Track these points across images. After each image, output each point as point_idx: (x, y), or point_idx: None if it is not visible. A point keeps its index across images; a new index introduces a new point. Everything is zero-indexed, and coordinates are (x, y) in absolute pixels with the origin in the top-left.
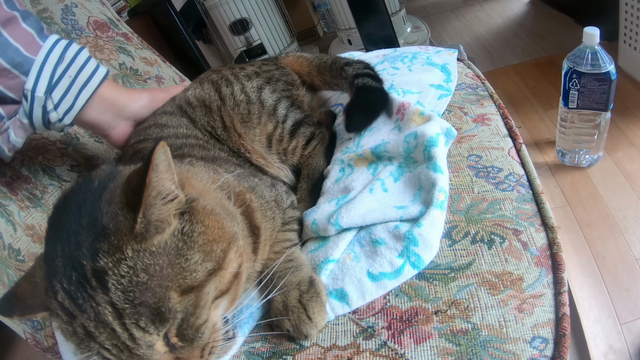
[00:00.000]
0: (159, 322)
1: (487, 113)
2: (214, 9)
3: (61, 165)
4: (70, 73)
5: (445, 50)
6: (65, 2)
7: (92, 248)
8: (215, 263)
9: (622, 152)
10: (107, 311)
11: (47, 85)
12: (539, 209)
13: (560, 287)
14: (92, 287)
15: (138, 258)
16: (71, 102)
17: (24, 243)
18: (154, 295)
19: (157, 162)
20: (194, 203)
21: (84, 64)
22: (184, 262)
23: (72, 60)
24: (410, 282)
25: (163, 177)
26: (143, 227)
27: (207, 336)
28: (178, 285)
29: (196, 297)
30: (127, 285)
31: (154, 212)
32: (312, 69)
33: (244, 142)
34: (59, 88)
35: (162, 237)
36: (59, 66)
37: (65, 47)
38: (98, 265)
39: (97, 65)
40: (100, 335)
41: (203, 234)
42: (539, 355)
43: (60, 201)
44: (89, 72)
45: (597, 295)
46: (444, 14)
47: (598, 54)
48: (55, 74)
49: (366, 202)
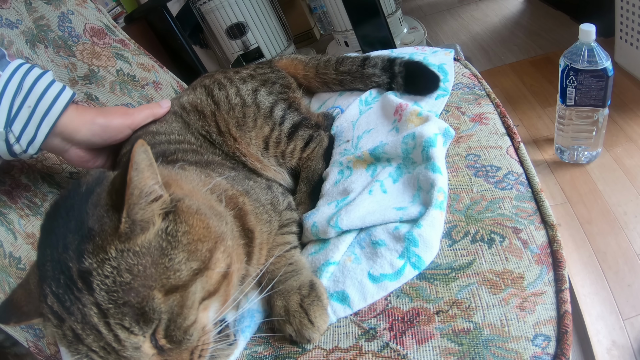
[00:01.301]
0: (143, 323)
1: (485, 112)
2: (210, 14)
3: (60, 173)
4: (29, 103)
5: (442, 50)
6: (61, 10)
7: (78, 250)
8: (201, 262)
9: (620, 148)
10: (93, 312)
11: (6, 119)
12: (539, 207)
13: (561, 284)
14: (78, 288)
15: (122, 258)
16: (33, 134)
17: (25, 251)
18: (138, 295)
19: (136, 160)
20: (179, 203)
21: (45, 91)
22: (167, 262)
23: (31, 88)
24: (411, 282)
25: (144, 176)
26: (127, 226)
27: (196, 338)
28: (162, 284)
29: (182, 296)
30: (111, 285)
31: (138, 211)
32: (309, 70)
33: (239, 145)
34: (19, 120)
35: (146, 236)
36: (17, 97)
37: (24, 74)
38: (83, 267)
39: (60, 90)
40: (88, 337)
41: (187, 233)
42: (541, 353)
43: (51, 208)
44: (50, 100)
45: (598, 292)
46: (440, 14)
47: (594, 50)
48: (14, 105)
49: (365, 203)
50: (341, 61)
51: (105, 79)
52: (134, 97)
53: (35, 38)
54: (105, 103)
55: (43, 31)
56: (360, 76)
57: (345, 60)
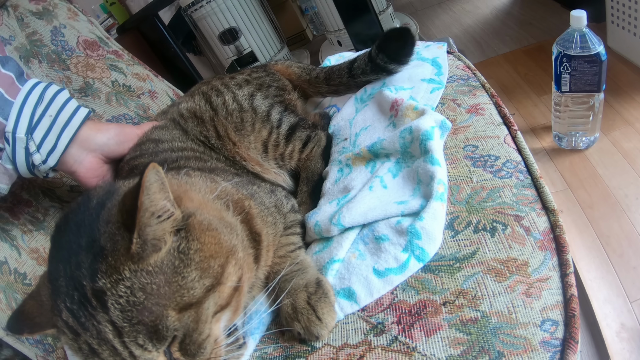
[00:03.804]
0: (156, 340)
1: (480, 103)
2: (202, 20)
3: (61, 187)
4: (50, 112)
5: (435, 44)
6: (53, 24)
7: (92, 269)
8: (213, 279)
9: (618, 132)
10: (108, 329)
11: (28, 125)
12: (539, 193)
13: (566, 268)
14: (93, 306)
15: (135, 278)
16: (54, 142)
17: (30, 267)
18: (152, 314)
19: (147, 185)
20: (191, 219)
21: (64, 104)
22: (180, 280)
23: (52, 100)
24: (417, 275)
25: (156, 198)
26: (139, 247)
27: (209, 351)
28: (176, 303)
29: (196, 312)
30: (125, 304)
31: (149, 232)
32: (303, 83)
33: (239, 150)
34: (40, 128)
35: (158, 255)
36: (38, 106)
37: (44, 88)
38: (97, 286)
39: (78, 106)
40: (103, 352)
41: (200, 250)
42: (550, 338)
43: (61, 220)
44: (70, 112)
45: (604, 275)
46: (431, 9)
47: (587, 36)
48: (36, 114)
49: (367, 200)
50: (329, 76)
51: (101, 91)
52: (131, 107)
53: (29, 53)
54: (102, 115)
55: (36, 46)
56: (354, 84)
57: (332, 74)
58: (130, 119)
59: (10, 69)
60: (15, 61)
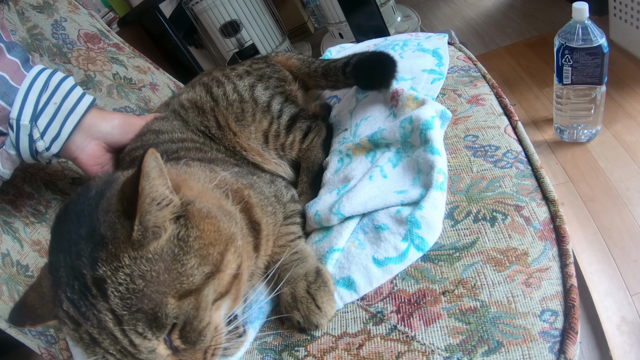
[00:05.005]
0: (156, 328)
1: (481, 93)
2: (204, 13)
3: (63, 180)
4: (55, 100)
5: (436, 35)
6: (54, 18)
7: (92, 257)
8: (213, 266)
9: (620, 125)
10: (108, 318)
11: (32, 113)
12: (539, 183)
13: (565, 259)
14: (93, 295)
15: (135, 265)
16: (57, 130)
17: (32, 259)
18: (151, 301)
19: (147, 170)
20: (190, 206)
21: (69, 91)
22: (180, 268)
23: (57, 87)
24: (416, 264)
25: (156, 184)
26: (140, 234)
27: (210, 338)
28: (175, 290)
29: (196, 300)
30: (124, 292)
31: (150, 218)
32: (303, 76)
33: (239, 140)
34: (45, 116)
35: (158, 243)
36: (43, 94)
37: (49, 75)
38: (97, 274)
39: (83, 93)
40: (104, 341)
41: (199, 238)
42: (549, 328)
43: (61, 211)
44: (75, 99)
45: (605, 269)
46: (433, 1)
47: (588, 28)
48: (40, 101)
49: (367, 189)
50: (326, 72)
51: (102, 84)
52: (132, 99)
53: (30, 47)
54: (103, 107)
55: (37, 40)
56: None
57: (329, 70)
58: (131, 112)
59: (15, 55)
60: (20, 47)
